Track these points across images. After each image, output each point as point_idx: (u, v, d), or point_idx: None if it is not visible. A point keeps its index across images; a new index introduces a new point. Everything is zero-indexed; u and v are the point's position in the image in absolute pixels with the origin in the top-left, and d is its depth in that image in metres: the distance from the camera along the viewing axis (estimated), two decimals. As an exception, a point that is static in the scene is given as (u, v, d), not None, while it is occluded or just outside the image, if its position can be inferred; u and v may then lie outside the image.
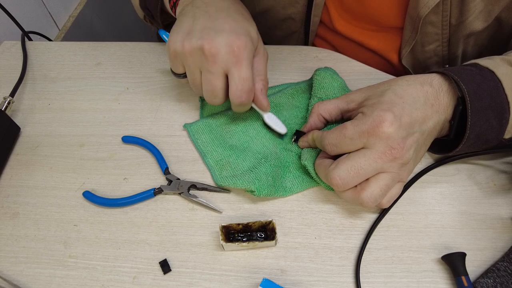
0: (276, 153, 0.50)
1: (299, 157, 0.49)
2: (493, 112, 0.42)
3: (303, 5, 0.62)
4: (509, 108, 0.42)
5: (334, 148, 0.43)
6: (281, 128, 0.50)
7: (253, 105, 0.49)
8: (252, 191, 0.45)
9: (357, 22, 0.63)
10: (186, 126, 0.54)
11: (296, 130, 0.51)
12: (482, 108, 0.41)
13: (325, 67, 0.54)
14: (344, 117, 0.49)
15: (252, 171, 0.47)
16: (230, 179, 0.46)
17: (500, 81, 0.42)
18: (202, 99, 0.56)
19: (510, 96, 0.42)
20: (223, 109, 0.55)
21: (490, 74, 0.43)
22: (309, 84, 0.56)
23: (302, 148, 0.49)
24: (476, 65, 0.44)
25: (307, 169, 0.47)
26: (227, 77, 0.45)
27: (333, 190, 0.47)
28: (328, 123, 0.50)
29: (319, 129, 0.49)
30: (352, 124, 0.41)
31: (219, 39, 0.43)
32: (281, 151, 0.50)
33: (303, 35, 0.67)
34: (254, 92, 0.47)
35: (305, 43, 0.68)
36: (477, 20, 0.55)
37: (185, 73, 0.49)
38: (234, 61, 0.43)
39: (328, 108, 0.48)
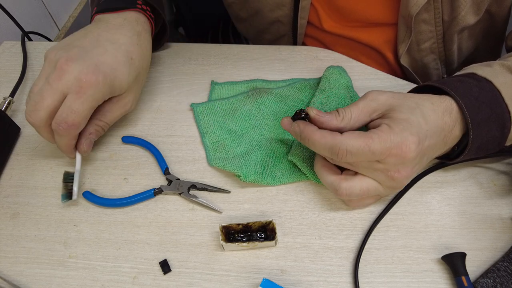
0: (271, 143, 0.51)
1: None
2: (494, 123, 0.41)
3: (290, 8, 0.62)
4: (510, 117, 0.41)
5: (349, 156, 0.38)
6: None
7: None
8: (239, 176, 0.46)
9: (346, 22, 0.63)
10: (193, 106, 0.55)
11: (300, 109, 0.43)
12: (482, 121, 0.40)
13: (337, 66, 0.55)
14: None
15: (243, 157, 0.48)
16: (221, 161, 0.48)
17: (499, 91, 0.41)
18: (214, 83, 0.58)
19: (510, 105, 0.41)
20: (231, 95, 0.56)
21: (488, 85, 0.42)
22: (318, 82, 0.56)
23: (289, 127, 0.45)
24: (474, 75, 0.43)
25: (294, 163, 0.48)
26: (61, 101, 0.43)
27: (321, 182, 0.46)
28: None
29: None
30: (379, 139, 0.38)
31: (78, 63, 0.43)
32: (277, 142, 0.51)
33: (292, 38, 0.67)
34: (82, 132, 0.46)
35: (294, 45, 0.68)
36: (468, 14, 0.55)
37: None
38: (76, 90, 0.42)
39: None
